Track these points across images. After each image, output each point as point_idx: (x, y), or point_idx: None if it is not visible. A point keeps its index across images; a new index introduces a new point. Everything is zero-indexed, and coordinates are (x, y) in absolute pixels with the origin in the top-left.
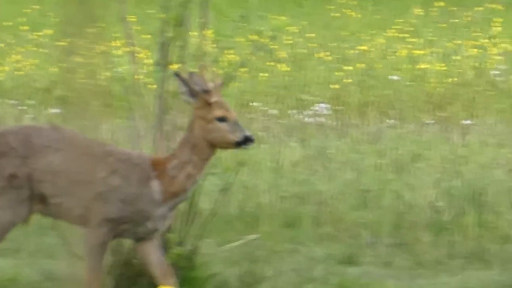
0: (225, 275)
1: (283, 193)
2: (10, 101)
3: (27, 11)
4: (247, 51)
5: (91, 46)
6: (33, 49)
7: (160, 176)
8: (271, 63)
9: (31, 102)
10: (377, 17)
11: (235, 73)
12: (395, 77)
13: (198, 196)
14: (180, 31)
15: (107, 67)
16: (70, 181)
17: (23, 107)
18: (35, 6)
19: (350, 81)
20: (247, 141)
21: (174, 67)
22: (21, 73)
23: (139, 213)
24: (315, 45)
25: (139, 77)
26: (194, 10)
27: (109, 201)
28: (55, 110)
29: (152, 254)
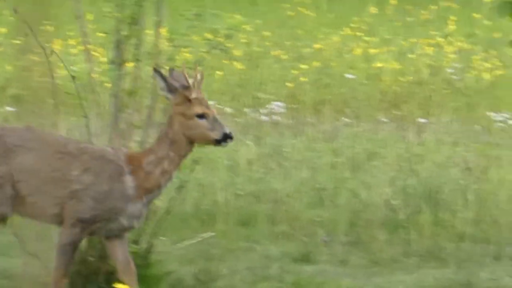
0: (180, 273)
1: (238, 191)
2: None
3: None
4: (202, 50)
5: (47, 44)
6: None
7: (134, 171)
8: (226, 62)
9: None
10: (332, 15)
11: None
12: (351, 76)
13: None
14: (135, 30)
15: (62, 65)
16: (44, 180)
17: None
18: None
19: (305, 79)
20: (226, 138)
21: (129, 65)
22: None
23: (112, 210)
24: (270, 44)
25: (95, 75)
26: (149, 8)
27: (82, 200)
28: (10, 108)
29: (118, 250)
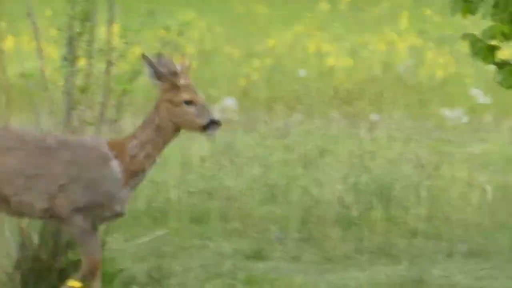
0: (133, 270)
1: (191, 189)
2: None
3: None
4: (154, 46)
5: None
6: None
7: (119, 156)
8: (179, 58)
9: None
10: (285, 12)
11: (142, 68)
12: (303, 72)
13: None
14: (87, 26)
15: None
16: (27, 178)
17: None
18: None
19: (257, 76)
20: (213, 124)
21: (81, 62)
22: None
23: (106, 196)
24: (223, 40)
25: (47, 72)
26: (101, 5)
27: (73, 191)
28: None
29: None
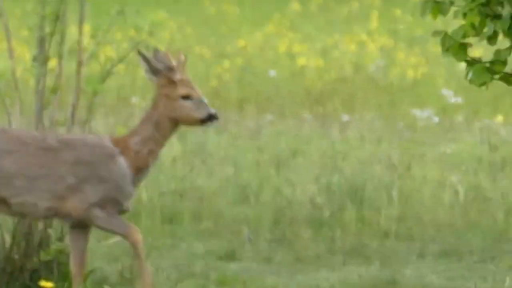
0: (105, 270)
1: (162, 189)
2: None
3: None
4: (125, 46)
5: None
6: None
7: (124, 152)
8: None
9: None
10: (255, 12)
11: (113, 69)
12: (274, 73)
13: None
14: (58, 26)
15: None
16: (28, 179)
17: None
18: None
19: (228, 76)
20: (211, 118)
21: (52, 62)
22: None
23: (117, 191)
24: (193, 41)
25: (18, 72)
26: (72, 5)
27: (84, 190)
28: None
29: (81, 240)
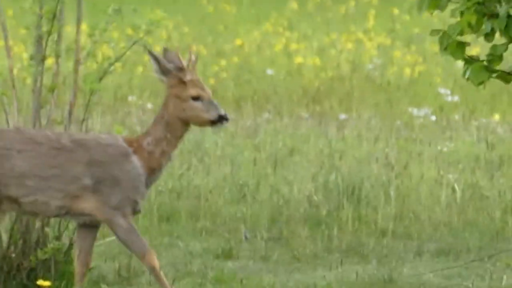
0: (103, 269)
1: (160, 187)
2: None
3: None
4: (122, 45)
5: None
6: None
7: (137, 152)
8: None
9: None
10: (253, 11)
11: (111, 67)
12: (272, 72)
13: None
14: (54, 25)
15: None
16: (41, 179)
17: None
18: None
19: (226, 75)
20: (222, 119)
21: (49, 61)
22: None
23: (134, 191)
24: (191, 39)
25: (15, 71)
26: (69, 4)
27: (103, 192)
28: None
29: (88, 239)
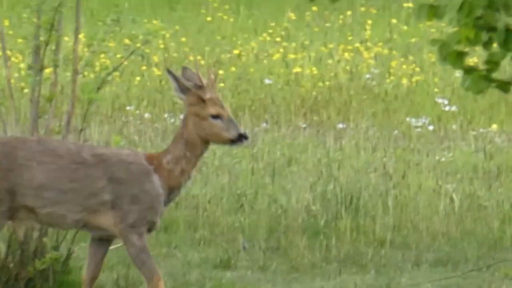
0: (101, 279)
1: None
2: None
3: None
4: (120, 55)
5: None
6: None
7: (157, 170)
8: (145, 67)
9: None
10: (251, 21)
11: (108, 77)
12: (269, 81)
13: None
14: (52, 35)
15: None
16: (60, 192)
17: None
18: None
19: (223, 85)
20: (241, 138)
21: (47, 71)
22: None
23: (152, 211)
24: (189, 49)
25: (13, 81)
26: (67, 14)
27: (122, 208)
28: None
29: (100, 252)
